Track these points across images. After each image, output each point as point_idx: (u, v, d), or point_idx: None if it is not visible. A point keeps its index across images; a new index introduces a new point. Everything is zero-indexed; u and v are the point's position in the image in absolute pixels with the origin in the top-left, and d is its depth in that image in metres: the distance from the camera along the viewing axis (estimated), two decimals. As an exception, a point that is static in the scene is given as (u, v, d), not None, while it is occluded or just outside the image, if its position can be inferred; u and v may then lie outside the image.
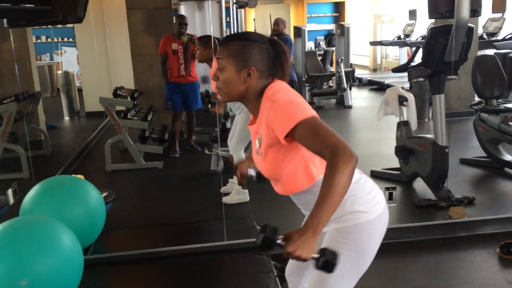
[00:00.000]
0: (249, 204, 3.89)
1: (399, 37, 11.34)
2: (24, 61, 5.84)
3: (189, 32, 5.80)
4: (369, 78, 11.04)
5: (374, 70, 13.63)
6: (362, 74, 11.77)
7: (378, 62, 13.83)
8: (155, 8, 6.12)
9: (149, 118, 5.26)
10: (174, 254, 2.90)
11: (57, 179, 3.31)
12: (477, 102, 4.72)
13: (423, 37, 10.45)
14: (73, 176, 3.60)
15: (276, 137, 1.43)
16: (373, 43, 12.67)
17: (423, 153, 3.90)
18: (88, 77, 8.32)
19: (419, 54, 8.78)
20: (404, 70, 4.33)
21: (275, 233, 1.29)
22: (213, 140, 4.73)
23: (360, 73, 11.58)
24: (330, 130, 1.34)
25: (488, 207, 3.68)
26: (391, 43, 11.47)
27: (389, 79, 10.62)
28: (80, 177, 3.48)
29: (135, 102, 5.47)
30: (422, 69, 3.62)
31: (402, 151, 4.13)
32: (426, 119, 6.67)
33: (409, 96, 4.22)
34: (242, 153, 3.92)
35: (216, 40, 4.13)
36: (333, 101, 8.74)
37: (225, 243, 2.94)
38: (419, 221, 3.36)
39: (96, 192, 3.09)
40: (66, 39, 10.71)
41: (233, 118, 4.30)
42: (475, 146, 4.91)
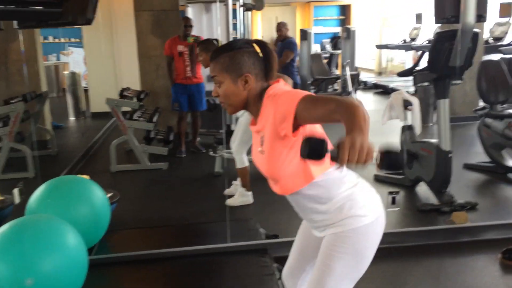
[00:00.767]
0: (252, 207, 3.91)
1: (405, 41, 11.33)
2: (32, 61, 5.90)
3: (196, 34, 5.85)
4: (374, 82, 11.04)
5: (380, 74, 13.62)
6: (368, 77, 11.77)
7: (384, 65, 13.82)
8: (162, 10, 6.17)
9: (154, 119, 5.30)
10: (178, 255, 2.92)
11: (62, 179, 3.34)
12: (481, 107, 4.72)
13: (429, 41, 10.45)
14: (78, 176, 3.63)
15: (282, 129, 1.44)
16: (379, 47, 12.67)
17: (426, 158, 3.91)
18: (95, 77, 8.38)
19: (424, 58, 8.72)
20: (409, 74, 4.33)
21: (322, 143, 1.22)
22: (218, 142, 4.76)
23: (365, 76, 11.58)
24: (329, 96, 1.41)
25: (491, 213, 3.68)
26: (397, 47, 11.45)
27: (394, 83, 10.62)
28: (86, 177, 3.52)
29: (141, 103, 5.51)
30: (427, 73, 3.64)
31: (406, 155, 4.13)
32: (430, 124, 6.66)
33: (414, 101, 4.22)
34: (245, 155, 3.93)
35: (216, 42, 4.14)
36: (338, 104, 8.72)
37: (228, 245, 2.96)
38: (421, 226, 3.37)
39: (101, 193, 3.12)
40: (73, 40, 10.79)
41: (237, 120, 4.33)
42: (478, 151, 4.91)
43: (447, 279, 2.77)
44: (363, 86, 9.92)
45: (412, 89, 7.22)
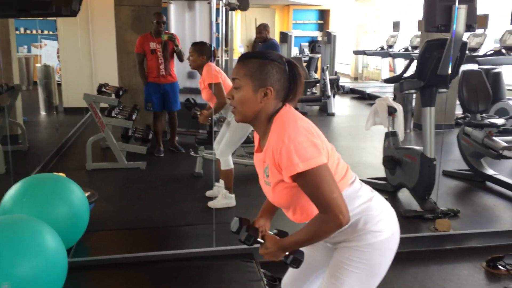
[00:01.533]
0: (235, 209, 3.83)
1: (382, 48, 11.49)
2: (6, 52, 5.65)
3: (178, 33, 5.72)
4: (351, 87, 11.15)
5: (355, 79, 13.78)
6: (344, 82, 11.86)
7: (359, 71, 13.99)
8: (143, 5, 6.03)
9: (133, 117, 5.15)
10: (161, 259, 2.81)
11: (39, 177, 3.19)
12: (462, 116, 4.79)
13: (406, 49, 10.62)
14: (55, 174, 3.47)
15: (282, 175, 1.41)
16: (356, 52, 12.80)
17: (410, 164, 3.92)
18: (69, 72, 8.12)
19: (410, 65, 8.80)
20: (397, 81, 4.34)
21: (256, 232, 1.57)
22: (199, 142, 4.65)
23: (341, 81, 11.66)
24: (331, 188, 1.35)
25: (472, 221, 3.73)
26: (374, 53, 11.60)
27: (370, 88, 10.75)
28: (62, 175, 3.36)
29: (120, 100, 5.35)
30: (415, 81, 3.64)
31: (389, 161, 4.14)
32: (408, 130, 6.74)
33: (398, 107, 4.24)
34: (230, 157, 3.86)
35: (210, 47, 4.06)
36: (317, 107, 8.77)
37: (214, 249, 2.87)
38: (405, 233, 3.35)
39: (80, 192, 2.99)
40: (47, 32, 10.43)
41: (221, 121, 4.24)
42: (456, 159, 4.98)
43: (434, 286, 2.76)
44: (342, 90, 9.99)
45: (389, 95, 7.31)
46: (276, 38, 10.01)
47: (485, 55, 7.47)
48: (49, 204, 2.75)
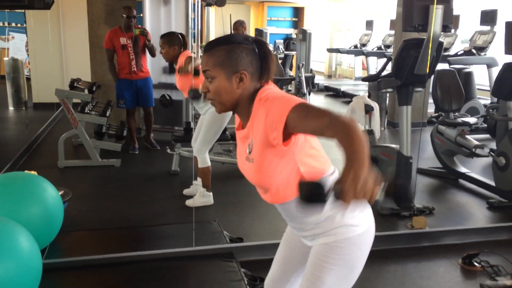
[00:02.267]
0: (213, 208, 3.79)
1: (356, 46, 11.61)
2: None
3: (153, 27, 5.62)
4: (325, 84, 11.23)
5: (329, 77, 13.88)
6: (318, 80, 11.93)
7: (333, 69, 14.10)
8: (117, -2, 5.89)
9: (107, 114, 5.03)
10: (138, 259, 2.75)
11: (10, 175, 3.06)
12: (436, 115, 4.88)
13: (379, 48, 10.77)
14: (26, 172, 3.35)
15: (273, 138, 1.35)
16: (330, 50, 12.90)
17: (387, 163, 3.96)
18: (38, 66, 7.87)
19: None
20: (374, 80, 4.38)
21: (321, 187, 1.13)
22: (176, 139, 4.58)
23: (316, 79, 11.72)
24: (323, 108, 1.29)
25: (447, 218, 3.79)
26: (348, 51, 11.72)
27: (344, 86, 10.85)
28: (34, 174, 3.25)
29: (93, 95, 5.21)
30: (392, 80, 3.68)
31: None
32: (382, 128, 6.83)
33: (375, 105, 4.29)
34: (207, 155, 3.81)
35: (180, 36, 3.99)
36: (292, 105, 8.78)
37: (193, 249, 2.83)
38: (382, 230, 3.39)
39: (54, 190, 2.89)
40: (15, 24, 10.09)
41: (197, 118, 4.18)
42: (429, 157, 5.07)
43: (412, 284, 2.80)
44: (316, 88, 10.03)
45: (362, 93, 7.39)
46: (252, 35, 9.97)
47: (456, 55, 7.65)
48: (21, 203, 2.65)
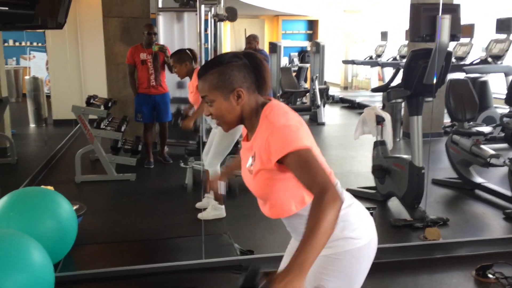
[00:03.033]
0: (225, 221, 3.81)
1: (371, 57, 11.59)
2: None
3: (167, 43, 5.73)
4: (341, 96, 11.21)
5: (345, 88, 13.86)
6: (334, 91, 11.94)
7: (349, 80, 14.08)
8: (132, 16, 6.04)
9: (123, 129, 5.13)
10: (150, 272, 2.79)
11: (26, 191, 3.16)
12: (450, 124, 4.83)
13: (394, 58, 10.73)
14: (43, 187, 3.44)
15: (268, 165, 1.40)
16: (346, 62, 12.90)
17: (399, 173, 3.94)
18: (58, 83, 8.08)
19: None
20: (384, 90, 4.38)
21: (256, 276, 1.24)
22: (189, 153, 4.64)
23: (331, 90, 11.75)
24: (321, 166, 1.32)
25: (462, 229, 3.74)
26: (363, 63, 11.70)
27: (360, 97, 10.83)
28: (50, 189, 3.33)
29: (109, 111, 5.33)
30: (401, 90, 3.68)
31: (378, 170, 4.16)
32: (397, 139, 6.78)
33: (386, 116, 4.27)
34: (218, 167, 3.85)
35: (189, 51, 4.07)
36: (307, 117, 8.79)
37: (203, 261, 2.85)
38: (395, 242, 3.37)
39: (68, 205, 2.96)
40: (36, 44, 10.40)
41: (209, 131, 4.23)
42: (445, 167, 5.01)
43: (424, 296, 2.77)
44: (331, 100, 10.04)
45: (378, 104, 7.37)
46: (266, 49, 10.08)
47: (471, 64, 7.58)
48: (36, 218, 2.73)
